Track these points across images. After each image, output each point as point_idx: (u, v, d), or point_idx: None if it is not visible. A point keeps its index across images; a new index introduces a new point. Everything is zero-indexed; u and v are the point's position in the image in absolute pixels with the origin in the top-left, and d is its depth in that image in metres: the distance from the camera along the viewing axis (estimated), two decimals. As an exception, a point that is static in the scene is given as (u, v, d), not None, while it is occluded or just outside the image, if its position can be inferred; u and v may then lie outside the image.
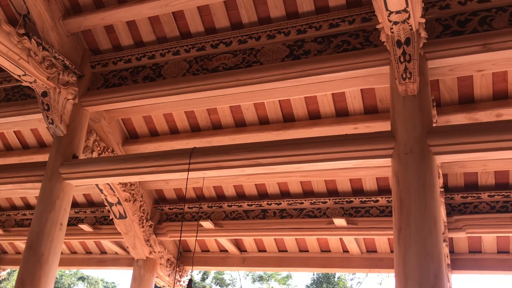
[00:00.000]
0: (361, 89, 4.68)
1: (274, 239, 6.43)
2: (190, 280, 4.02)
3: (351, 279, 20.49)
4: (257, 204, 6.03)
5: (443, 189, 4.82)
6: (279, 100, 4.96)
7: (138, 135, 5.69)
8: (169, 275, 6.43)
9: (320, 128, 4.93)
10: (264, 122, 5.18)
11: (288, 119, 5.10)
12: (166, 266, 6.44)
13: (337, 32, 4.19)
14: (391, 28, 3.40)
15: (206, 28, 4.69)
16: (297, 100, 4.93)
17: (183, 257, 6.85)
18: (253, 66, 4.37)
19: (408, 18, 3.29)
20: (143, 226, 5.99)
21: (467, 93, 4.46)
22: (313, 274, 20.83)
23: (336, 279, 20.51)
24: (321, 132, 4.87)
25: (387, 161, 3.56)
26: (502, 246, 5.48)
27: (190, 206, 6.30)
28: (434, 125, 3.64)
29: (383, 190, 5.50)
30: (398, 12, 3.23)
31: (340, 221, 5.51)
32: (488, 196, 5.00)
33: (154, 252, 6.24)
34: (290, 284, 21.08)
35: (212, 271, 20.96)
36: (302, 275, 24.75)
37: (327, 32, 4.22)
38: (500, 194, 4.96)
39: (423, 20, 3.42)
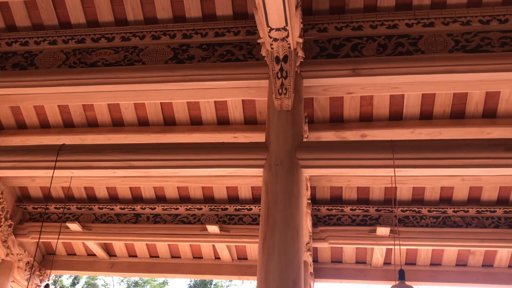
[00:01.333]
0: (242, 100, 4.80)
1: (146, 244, 6.29)
2: (47, 285, 3.77)
3: (228, 286, 20.74)
4: (130, 208, 5.86)
5: (310, 201, 5.10)
6: (160, 103, 4.89)
7: (3, 126, 5.24)
8: (27, 280, 5.96)
9: (200, 134, 4.95)
10: (143, 124, 5.07)
11: (169, 123, 5.04)
12: (25, 270, 5.97)
13: (222, 41, 4.26)
14: (271, 44, 3.54)
15: (88, 21, 4.49)
16: (180, 104, 4.90)
17: (45, 260, 6.40)
18: (135, 65, 4.27)
19: (287, 36, 3.45)
20: (0, 226, 5.50)
21: (337, 112, 4.78)
22: (190, 281, 20.70)
23: (212, 286, 20.61)
24: (202, 138, 4.89)
25: (260, 171, 3.68)
26: (360, 257, 5.93)
27: (57, 206, 5.92)
28: (304, 140, 3.84)
29: (257, 199, 5.67)
30: (278, 29, 3.37)
31: (213, 228, 5.56)
32: (350, 209, 5.39)
33: (12, 254, 5.75)
34: (166, 290, 20.71)
35: (84, 276, 19.84)
36: (178, 281, 24.46)
37: (213, 40, 4.27)
38: (361, 208, 5.37)
39: (301, 40, 3.61)
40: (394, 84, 4.27)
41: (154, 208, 5.82)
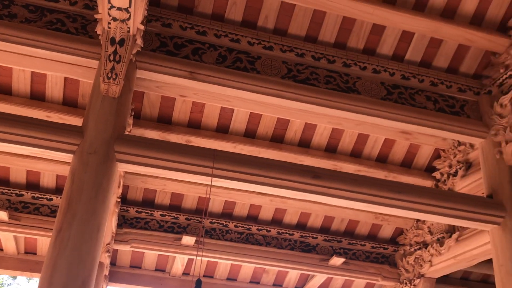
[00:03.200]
0: (65, 77, 4.34)
1: None
2: None
3: (9, 284, 18.55)
4: None
5: (120, 200, 4.82)
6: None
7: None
8: None
9: (7, 105, 4.33)
10: None
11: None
12: None
13: (54, 7, 3.79)
14: (109, 23, 3.26)
15: None
16: (-13, 66, 4.22)
17: None
18: None
19: (128, 19, 3.21)
20: None
21: (166, 113, 4.64)
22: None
23: (-7, 283, 18.22)
24: (8, 110, 4.26)
25: (69, 157, 3.32)
26: (160, 264, 5.79)
27: None
28: (126, 133, 3.61)
29: (60, 189, 5.15)
30: (119, 9, 3.12)
31: (1, 214, 4.86)
32: (160, 215, 5.24)
33: None
34: None
35: None
36: None
37: (42, 4, 3.78)
38: (171, 215, 5.26)
39: (142, 27, 3.40)
40: (226, 97, 4.33)
41: None
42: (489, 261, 5.61)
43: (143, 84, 4.15)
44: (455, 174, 4.89)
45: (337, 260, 5.37)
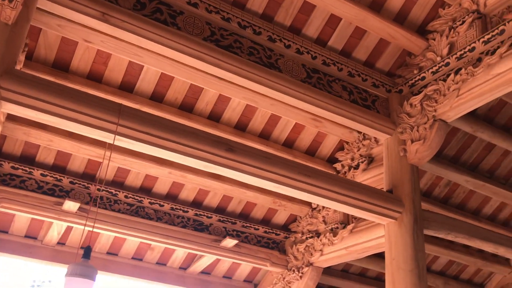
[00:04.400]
0: None
1: None
2: None
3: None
4: None
5: (-5, 151, 4.13)
6: None
7: None
8: None
9: None
10: None
11: None
12: None
13: None
14: None
15: None
16: None
17: None
18: None
19: None
20: None
21: (65, 59, 4.05)
22: None
23: None
24: None
25: None
26: (32, 230, 5.11)
27: None
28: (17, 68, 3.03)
29: None
30: None
31: None
32: (41, 174, 4.60)
33: None
34: None
35: None
36: None
37: None
38: (54, 175, 4.65)
39: None
40: (138, 51, 3.89)
41: None
42: (370, 256, 5.84)
43: (42, 19, 3.54)
44: (356, 167, 4.95)
45: (229, 242, 5.17)
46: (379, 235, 4.45)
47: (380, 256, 6.16)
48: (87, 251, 2.86)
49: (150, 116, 3.32)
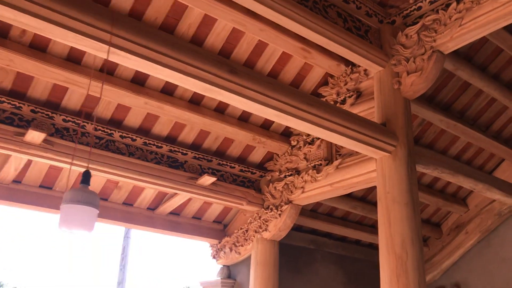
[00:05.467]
0: None
1: None
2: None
3: None
4: None
5: None
6: None
7: None
8: None
9: None
10: None
11: None
12: None
13: None
14: None
15: None
16: None
17: None
18: None
19: None
20: None
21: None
22: None
23: None
24: None
25: None
26: (-17, 167, 4.52)
27: None
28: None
29: None
30: None
31: None
32: (-2, 101, 4.00)
33: None
34: None
35: None
36: None
37: None
38: (12, 102, 4.05)
39: None
40: (120, -44, 3.36)
41: None
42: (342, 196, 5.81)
43: None
44: (342, 102, 4.75)
45: (207, 179, 4.87)
46: (369, 170, 4.33)
47: (349, 196, 6.15)
48: (86, 176, 2.46)
49: (146, 27, 2.88)
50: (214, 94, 3.17)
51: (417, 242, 3.79)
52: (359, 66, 4.65)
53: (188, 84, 3.07)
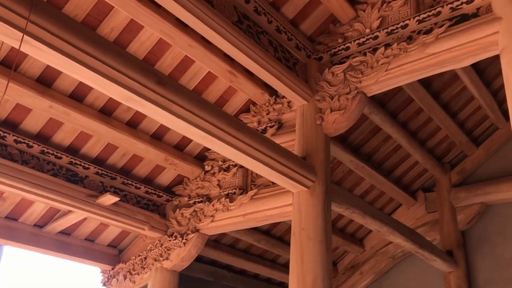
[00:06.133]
0: None
1: None
2: None
3: None
4: None
5: None
6: None
7: None
8: None
9: None
10: None
11: None
12: None
13: None
14: None
15: None
16: None
17: None
18: None
19: None
20: None
21: None
22: None
23: None
24: None
25: None
26: None
27: None
28: None
29: None
30: None
31: None
32: None
33: None
34: None
35: None
36: None
37: None
38: None
39: None
40: None
41: None
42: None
43: None
44: (263, 132, 4.64)
45: (109, 199, 4.42)
46: (285, 204, 4.21)
47: (255, 228, 6.00)
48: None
49: (70, 20, 2.52)
50: (137, 105, 2.86)
51: (328, 281, 3.71)
52: (283, 97, 4.59)
53: (109, 90, 2.74)
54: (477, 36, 3.56)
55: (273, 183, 4.34)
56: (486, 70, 5.73)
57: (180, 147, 4.88)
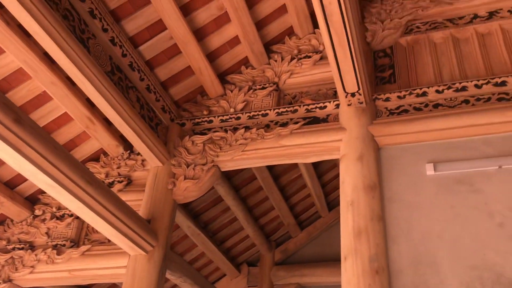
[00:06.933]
0: None
1: None
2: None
3: None
4: None
5: None
6: None
7: None
8: None
9: None
10: None
11: None
12: None
13: None
14: None
15: None
16: None
17: None
18: None
19: None
20: None
21: None
22: None
23: None
24: None
25: None
26: None
27: None
28: None
29: None
30: None
31: None
32: None
33: None
34: None
35: None
36: None
37: None
38: None
39: None
40: None
41: None
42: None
43: None
44: (110, 185, 4.45)
45: None
46: (118, 265, 4.02)
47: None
48: None
49: None
50: (-11, 144, 2.57)
51: None
52: (138, 154, 4.52)
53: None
54: (324, 139, 3.99)
55: (110, 241, 4.15)
56: (322, 163, 6.40)
57: (10, 185, 4.41)
